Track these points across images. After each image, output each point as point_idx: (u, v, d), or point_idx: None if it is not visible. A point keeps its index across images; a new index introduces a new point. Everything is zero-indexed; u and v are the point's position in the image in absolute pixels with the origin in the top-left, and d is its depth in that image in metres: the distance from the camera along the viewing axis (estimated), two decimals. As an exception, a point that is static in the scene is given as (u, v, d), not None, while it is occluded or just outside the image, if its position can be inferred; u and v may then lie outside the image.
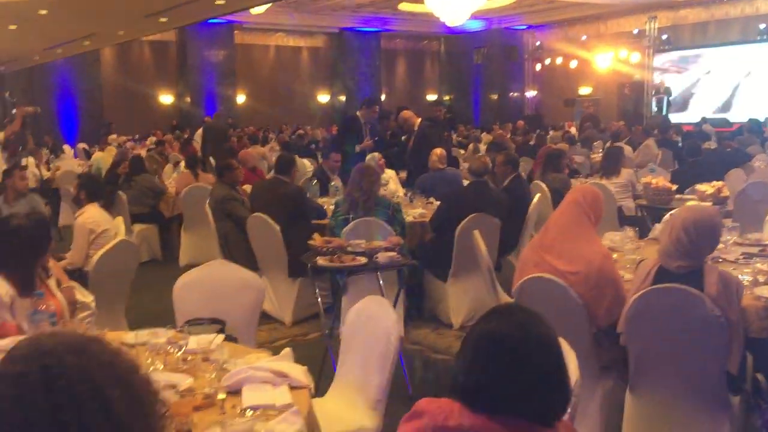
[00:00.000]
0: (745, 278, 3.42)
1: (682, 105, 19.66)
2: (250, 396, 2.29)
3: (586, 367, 3.22)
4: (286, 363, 2.52)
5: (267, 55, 23.14)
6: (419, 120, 8.27)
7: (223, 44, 19.92)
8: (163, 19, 12.28)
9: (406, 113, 8.49)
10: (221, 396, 2.30)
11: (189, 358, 2.63)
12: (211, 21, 18.03)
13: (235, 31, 20.34)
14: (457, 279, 5.40)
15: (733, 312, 2.89)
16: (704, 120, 16.15)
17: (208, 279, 3.52)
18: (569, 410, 2.19)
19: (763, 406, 3.06)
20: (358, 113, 8.18)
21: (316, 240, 4.36)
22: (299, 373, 2.45)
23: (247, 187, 6.74)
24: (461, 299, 5.40)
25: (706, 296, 2.85)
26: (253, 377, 2.38)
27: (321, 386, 3.35)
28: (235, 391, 2.34)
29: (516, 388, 1.55)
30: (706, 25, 19.00)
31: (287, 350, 2.67)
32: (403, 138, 8.68)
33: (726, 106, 18.66)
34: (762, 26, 17.49)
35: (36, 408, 1.00)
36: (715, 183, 6.13)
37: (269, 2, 13.94)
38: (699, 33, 19.31)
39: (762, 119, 14.76)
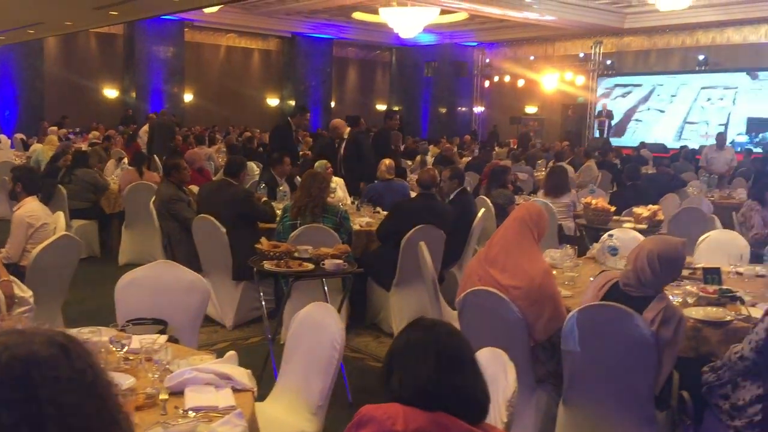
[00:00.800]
0: (675, 299, 3.58)
1: (623, 129, 20.31)
2: (193, 397, 2.29)
3: (523, 380, 3.32)
4: (230, 365, 2.53)
5: (217, 55, 22.88)
6: (348, 129, 8.44)
7: (172, 41, 19.61)
8: (114, 12, 12.05)
9: (336, 121, 8.65)
10: (163, 396, 2.30)
11: (131, 357, 2.62)
12: (160, 17, 17.75)
13: (186, 29, 20.06)
14: (401, 289, 5.46)
15: (667, 341, 2.97)
16: (643, 145, 16.72)
17: (152, 279, 3.48)
18: (507, 420, 2.27)
19: (687, 422, 3.21)
20: (290, 119, 8.26)
21: (264, 244, 4.36)
22: (243, 375, 2.46)
23: (194, 188, 6.66)
24: (403, 309, 5.45)
25: (639, 316, 2.96)
26: (196, 378, 2.37)
27: (261, 390, 3.35)
28: (177, 392, 2.34)
29: (453, 387, 1.70)
30: (648, 53, 19.69)
31: (232, 353, 2.67)
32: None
33: (663, 133, 19.41)
34: (701, 57, 18.24)
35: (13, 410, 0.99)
36: (651, 206, 6.37)
37: (224, 3, 13.83)
38: (641, 60, 20.01)
39: (696, 147, 15.41)
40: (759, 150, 15.41)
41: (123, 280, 3.47)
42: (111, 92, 20.46)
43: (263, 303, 4.47)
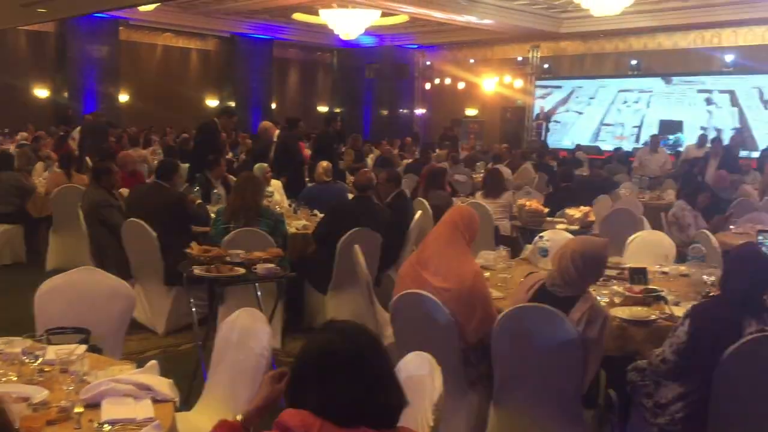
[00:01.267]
0: (603, 299, 3.65)
1: (559, 131, 20.73)
2: (110, 409, 2.21)
3: (454, 383, 3.34)
4: (150, 376, 2.45)
5: (154, 55, 22.37)
6: (278, 131, 8.42)
7: (106, 40, 19.06)
8: (42, 10, 11.65)
9: (265, 124, 8.62)
10: (78, 409, 2.21)
11: (46, 369, 2.51)
12: (94, 15, 17.26)
13: (120, 28, 19.53)
14: (337, 292, 5.43)
15: (592, 339, 3.03)
16: (578, 147, 17.10)
17: (73, 286, 3.36)
18: (434, 424, 2.27)
19: (614, 420, 3.27)
20: (216, 120, 8.12)
21: (194, 249, 4.26)
22: (164, 385, 2.38)
23: (125, 191, 6.49)
24: (340, 312, 5.40)
25: (566, 317, 3.00)
26: (114, 390, 2.29)
27: (191, 399, 3.27)
28: (94, 405, 2.25)
29: (360, 395, 1.64)
30: (583, 58, 20.15)
31: (153, 363, 2.59)
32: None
33: (597, 135, 19.97)
34: (633, 62, 18.76)
35: None
36: (582, 208, 6.49)
37: (158, 1, 13.53)
38: (577, 64, 20.46)
39: (629, 149, 15.86)
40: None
41: (43, 288, 3.34)
42: (42, 92, 19.77)
43: (194, 309, 4.36)
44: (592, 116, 20.19)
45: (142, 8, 16.32)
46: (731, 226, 6.50)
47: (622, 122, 19.64)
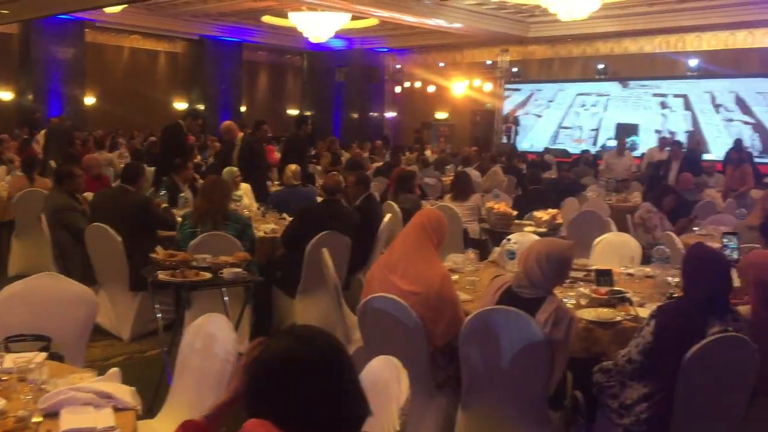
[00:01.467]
0: (569, 301, 3.67)
1: (529, 135, 20.92)
2: (69, 419, 2.16)
3: (422, 386, 3.33)
4: (111, 383, 2.40)
5: (120, 57, 22.10)
6: (241, 133, 8.40)
7: (71, 42, 18.77)
8: (5, 11, 11.42)
9: (228, 123, 8.56)
10: (36, 419, 2.16)
11: (3, 378, 2.45)
12: (59, 17, 17.00)
13: (86, 29, 19.25)
14: (306, 296, 5.39)
15: (559, 342, 3.05)
16: (547, 150, 17.27)
17: (34, 292, 3.28)
18: (400, 429, 2.25)
19: (581, 421, 3.30)
20: (181, 122, 8.04)
21: (159, 253, 4.20)
22: (126, 393, 2.34)
23: (89, 195, 6.38)
24: (309, 316, 5.38)
25: (533, 319, 3.02)
26: (73, 399, 2.24)
27: (156, 406, 3.21)
28: (52, 414, 2.20)
29: (322, 405, 1.58)
30: (551, 62, 20.38)
31: (114, 370, 2.54)
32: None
33: (555, 138, 20.29)
34: (600, 66, 19.01)
35: None
36: (550, 210, 6.55)
37: (123, 3, 13.36)
38: (545, 68, 20.68)
39: (594, 151, 16.07)
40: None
41: (3, 294, 3.26)
42: (5, 94, 19.42)
43: (159, 315, 4.30)
44: (551, 119, 20.54)
45: (108, 10, 16.12)
46: (695, 228, 6.60)
47: (581, 125, 20.08)
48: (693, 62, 17.48)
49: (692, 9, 15.02)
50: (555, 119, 20.44)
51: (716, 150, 15.79)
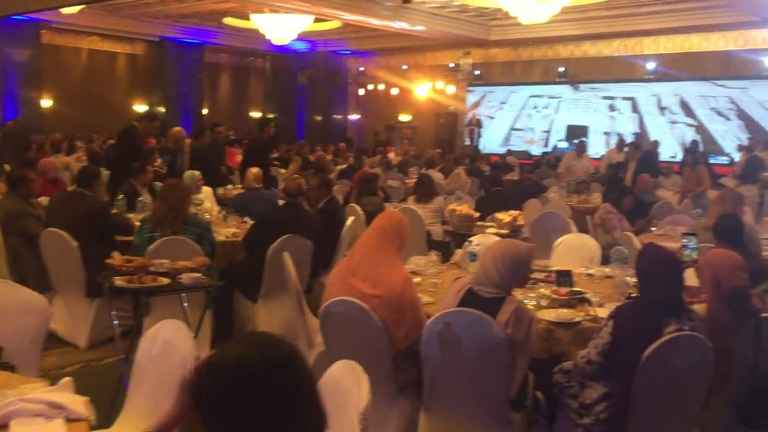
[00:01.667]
0: (530, 302, 3.70)
1: (492, 136, 21.10)
2: (19, 431, 2.10)
3: (384, 389, 3.32)
4: (63, 393, 2.34)
5: (79, 59, 21.68)
6: (189, 140, 8.33)
7: (27, 43, 18.36)
8: (-44, 11, 11.13)
9: (176, 130, 8.49)
10: (-16, 432, 2.09)
11: (-50, 390, 2.36)
12: (13, 17, 16.59)
13: (42, 31, 18.86)
14: (267, 300, 5.35)
15: (520, 342, 3.08)
16: (509, 152, 17.44)
17: (-16, 300, 3.19)
18: (360, 433, 2.24)
19: (542, 422, 3.32)
20: (137, 125, 7.90)
21: (116, 259, 4.11)
22: (78, 403, 2.28)
23: (45, 200, 6.23)
24: (271, 320, 5.33)
25: (493, 321, 3.03)
26: (23, 410, 2.18)
27: (114, 415, 3.14)
28: (1, 426, 2.13)
29: (274, 414, 1.54)
30: (513, 65, 20.58)
31: (67, 380, 2.47)
32: None
33: (507, 140, 20.61)
34: (561, 69, 19.26)
35: None
36: (512, 212, 6.59)
37: (80, 4, 13.11)
38: (507, 71, 20.87)
39: (540, 152, 16.32)
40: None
41: (-48, 303, 3.16)
42: (-42, 97, 18.91)
43: (116, 321, 4.21)
44: (503, 121, 20.87)
45: (66, 11, 15.80)
46: (653, 228, 6.71)
47: (532, 127, 20.48)
48: (651, 65, 17.82)
49: (649, 13, 15.30)
50: (507, 121, 20.77)
51: (662, 152, 16.26)
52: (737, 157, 14.18)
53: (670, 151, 16.37)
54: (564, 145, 19.17)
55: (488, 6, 15.03)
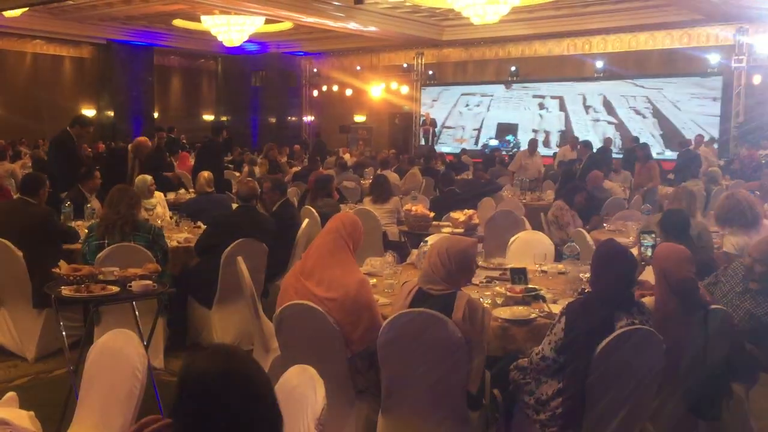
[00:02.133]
0: (486, 300, 3.71)
1: (446, 137, 21.23)
2: (-40, 450, 2.02)
3: (342, 392, 3.30)
4: (8, 408, 2.26)
5: (23, 63, 21.09)
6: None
7: (-33, 47, 17.83)
8: None
9: (141, 140, 8.39)
10: None
11: None
12: (-47, 21, 16.09)
13: (-16, 35, 18.34)
14: (223, 305, 5.27)
15: (476, 336, 3.10)
16: (464, 151, 17.55)
17: None
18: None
19: (499, 419, 3.33)
20: (69, 130, 7.66)
21: (62, 267, 3.99)
22: (23, 419, 2.21)
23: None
24: (226, 326, 5.27)
25: (449, 320, 3.03)
26: (-36, 428, 2.09)
27: (64, 427, 3.06)
28: (-60, 446, 2.05)
29: (232, 424, 1.56)
30: (466, 64, 20.73)
31: (11, 395, 2.39)
32: None
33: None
34: (513, 68, 19.48)
35: None
36: (467, 211, 6.63)
37: (23, 6, 12.75)
38: (460, 71, 21.03)
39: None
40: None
41: None
42: None
43: (64, 332, 4.09)
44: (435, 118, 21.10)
45: (8, 14, 15.34)
46: (605, 224, 6.82)
47: (463, 125, 20.85)
48: (599, 64, 18.15)
49: (597, 12, 15.59)
50: (438, 119, 21.05)
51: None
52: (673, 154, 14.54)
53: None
54: (495, 142, 19.70)
55: (440, 6, 15.12)
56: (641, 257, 4.22)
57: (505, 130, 19.79)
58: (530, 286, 3.99)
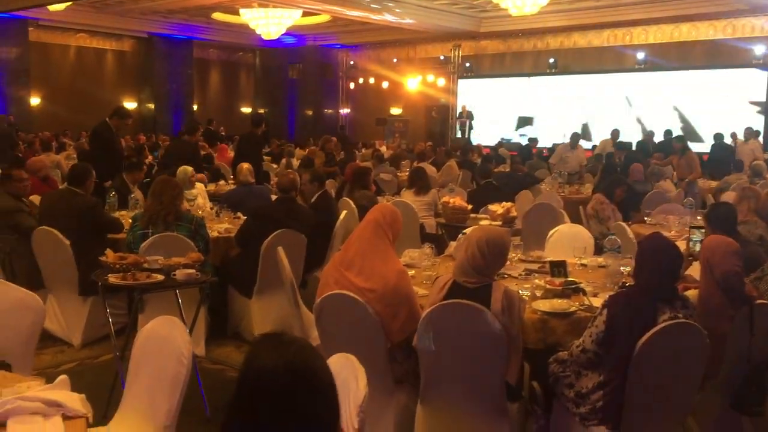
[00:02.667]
0: (525, 293, 3.71)
1: (484, 129, 21.09)
2: (17, 429, 2.10)
3: (381, 382, 3.33)
4: (60, 391, 2.33)
5: (67, 56, 21.55)
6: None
7: (14, 41, 18.26)
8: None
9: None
10: (-19, 431, 2.08)
11: (-54, 389, 2.35)
12: (1, 15, 16.51)
13: (30, 28, 18.75)
14: (262, 295, 5.34)
15: (514, 326, 3.11)
16: (501, 144, 17.43)
17: (-23, 300, 3.17)
18: (358, 426, 2.24)
19: (538, 412, 3.33)
20: (108, 121, 7.76)
21: (109, 256, 4.09)
22: (75, 401, 2.27)
23: (36, 198, 6.19)
24: (265, 316, 5.33)
25: (488, 311, 3.04)
26: (21, 408, 2.17)
27: (110, 412, 3.14)
28: (-1, 425, 2.13)
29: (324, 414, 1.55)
30: (503, 56, 20.57)
31: (63, 377, 2.46)
32: None
33: (521, 131, 20.54)
34: (551, 60, 19.27)
35: None
36: (504, 203, 6.60)
37: (67, 1, 13.02)
38: (497, 63, 20.87)
39: (550, 145, 16.29)
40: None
41: (-55, 303, 3.14)
42: (-54, 96, 18.78)
43: (110, 319, 4.20)
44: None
45: (53, 8, 15.70)
46: (646, 218, 6.73)
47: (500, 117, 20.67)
48: (640, 55, 17.85)
49: (638, 3, 15.32)
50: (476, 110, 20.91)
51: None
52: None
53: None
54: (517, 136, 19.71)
55: (478, -2, 15.03)
56: (689, 252, 4.16)
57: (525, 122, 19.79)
58: (570, 279, 3.97)
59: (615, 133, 13.52)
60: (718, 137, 13.13)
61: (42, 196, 5.95)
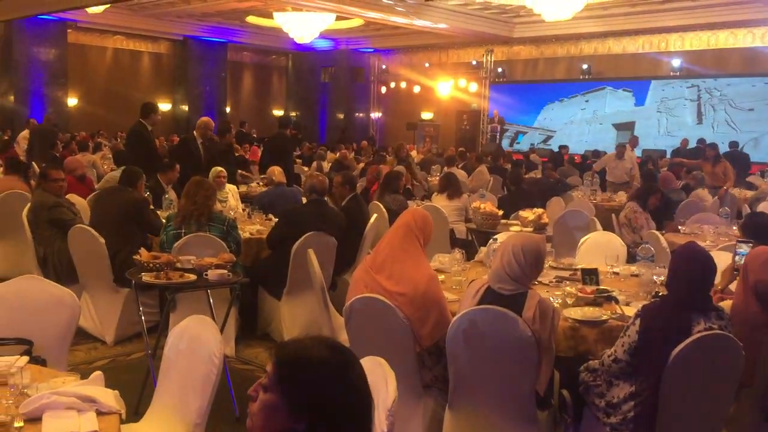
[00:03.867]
0: (556, 300, 3.67)
1: (516, 134, 20.99)
2: (52, 423, 2.13)
3: (410, 386, 3.32)
4: (94, 387, 2.37)
5: (104, 58, 21.94)
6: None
7: (53, 42, 18.64)
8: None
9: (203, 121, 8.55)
10: (18, 424, 2.13)
11: (-16, 383, 2.41)
12: (41, 17, 16.85)
13: (69, 30, 19.12)
14: (292, 297, 5.36)
15: (546, 336, 3.07)
16: (532, 150, 17.32)
17: (15, 295, 3.24)
18: (387, 429, 2.24)
19: (568, 420, 3.29)
20: (143, 121, 7.89)
21: (142, 255, 4.15)
22: (109, 397, 2.31)
23: (71, 197, 6.30)
24: (295, 318, 5.36)
25: (520, 319, 3.01)
26: (56, 403, 2.21)
27: (142, 409, 3.19)
28: (34, 419, 2.17)
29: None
30: (536, 62, 20.45)
31: (97, 373, 2.50)
32: None
33: (551, 138, 20.37)
34: (584, 66, 19.10)
35: None
36: (536, 210, 6.55)
37: (105, 3, 13.24)
38: (530, 68, 20.74)
39: (582, 152, 16.14)
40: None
41: (-17, 298, 3.21)
42: (-13, 96, 19.22)
43: (142, 317, 4.26)
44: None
45: (91, 10, 15.99)
46: (680, 227, 6.63)
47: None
48: (676, 62, 17.61)
49: (674, 9, 15.13)
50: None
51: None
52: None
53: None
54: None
55: (511, 3, 14.96)
56: (735, 266, 4.06)
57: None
58: (602, 287, 3.93)
59: (633, 140, 13.36)
60: (733, 145, 12.96)
61: (95, 194, 6.12)
